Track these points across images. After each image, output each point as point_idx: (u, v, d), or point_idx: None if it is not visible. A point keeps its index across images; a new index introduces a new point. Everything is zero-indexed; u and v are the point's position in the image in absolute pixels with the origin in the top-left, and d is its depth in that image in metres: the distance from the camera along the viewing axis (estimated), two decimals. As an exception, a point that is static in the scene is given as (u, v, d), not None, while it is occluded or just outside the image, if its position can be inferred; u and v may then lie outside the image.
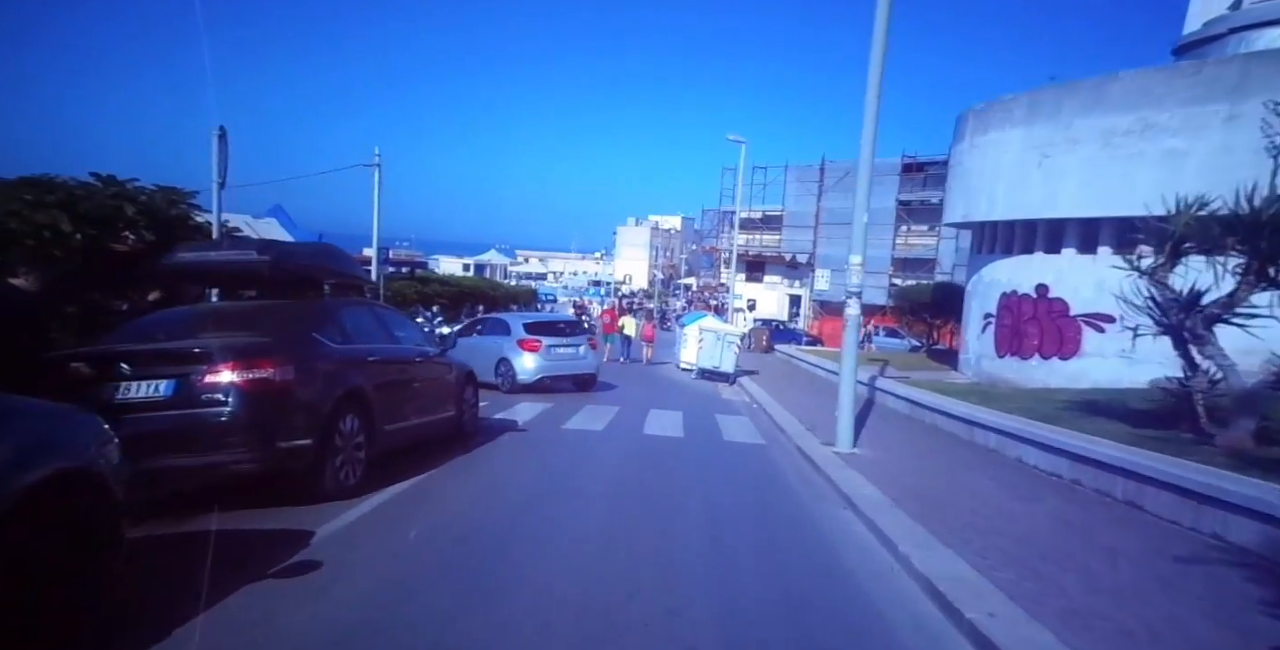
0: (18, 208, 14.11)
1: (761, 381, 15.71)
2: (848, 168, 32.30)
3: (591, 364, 13.20)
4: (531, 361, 12.10)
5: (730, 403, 12.91)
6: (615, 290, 57.18)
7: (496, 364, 12.11)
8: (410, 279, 27.42)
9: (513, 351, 12.16)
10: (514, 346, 12.21)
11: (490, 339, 12.63)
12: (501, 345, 12.28)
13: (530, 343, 12.24)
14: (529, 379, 12.07)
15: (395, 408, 5.55)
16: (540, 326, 12.84)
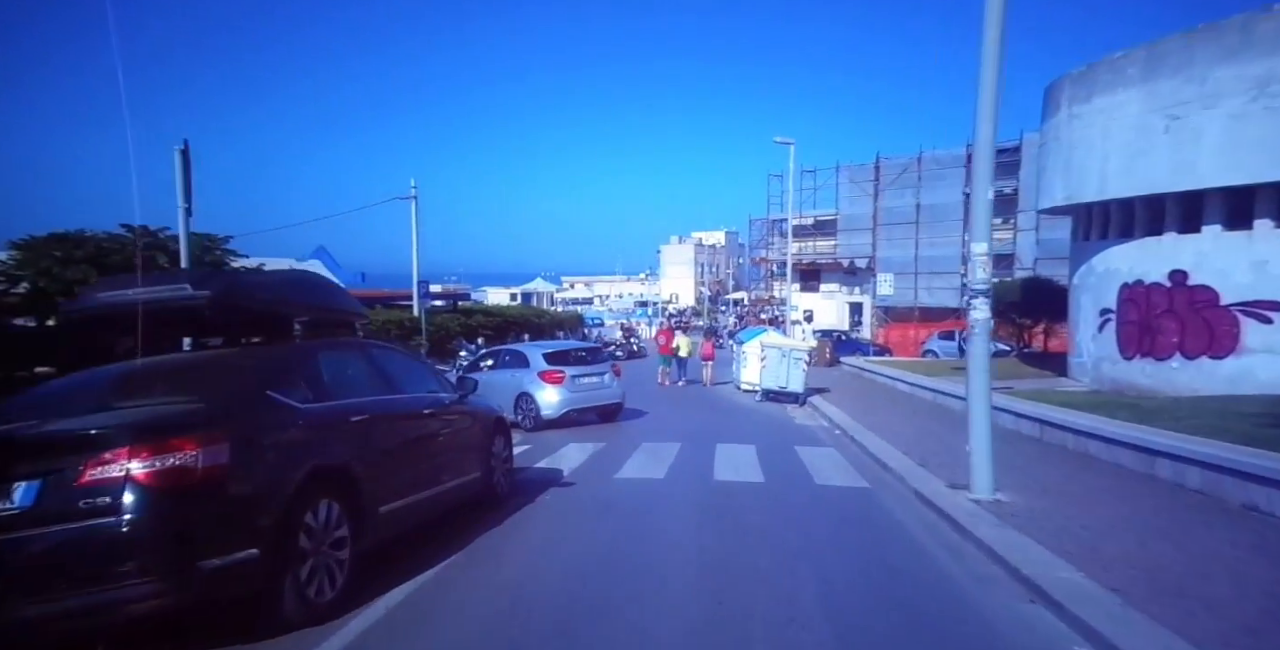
0: (48, 265, 13.79)
1: (836, 401, 13.89)
2: (905, 164, 30.28)
3: (617, 393, 11.98)
4: (555, 395, 10.94)
5: (807, 429, 11.18)
6: (663, 310, 55.85)
7: (516, 400, 11.05)
8: (453, 312, 26.74)
9: (534, 385, 11.02)
10: (535, 379, 11.07)
11: (507, 373, 11.49)
12: (521, 379, 11.18)
13: (553, 374, 11.07)
14: (554, 414, 10.92)
15: (395, 480, 4.22)
16: (561, 356, 11.64)
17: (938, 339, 26.00)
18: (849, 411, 12.17)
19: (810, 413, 13.42)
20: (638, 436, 10.23)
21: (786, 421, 12.26)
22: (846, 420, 11.17)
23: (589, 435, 10.42)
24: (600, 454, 8.76)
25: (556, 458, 8.46)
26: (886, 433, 9.60)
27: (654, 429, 11.19)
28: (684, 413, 13.58)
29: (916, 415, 11.44)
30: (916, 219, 29.47)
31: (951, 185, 28.32)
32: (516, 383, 11.19)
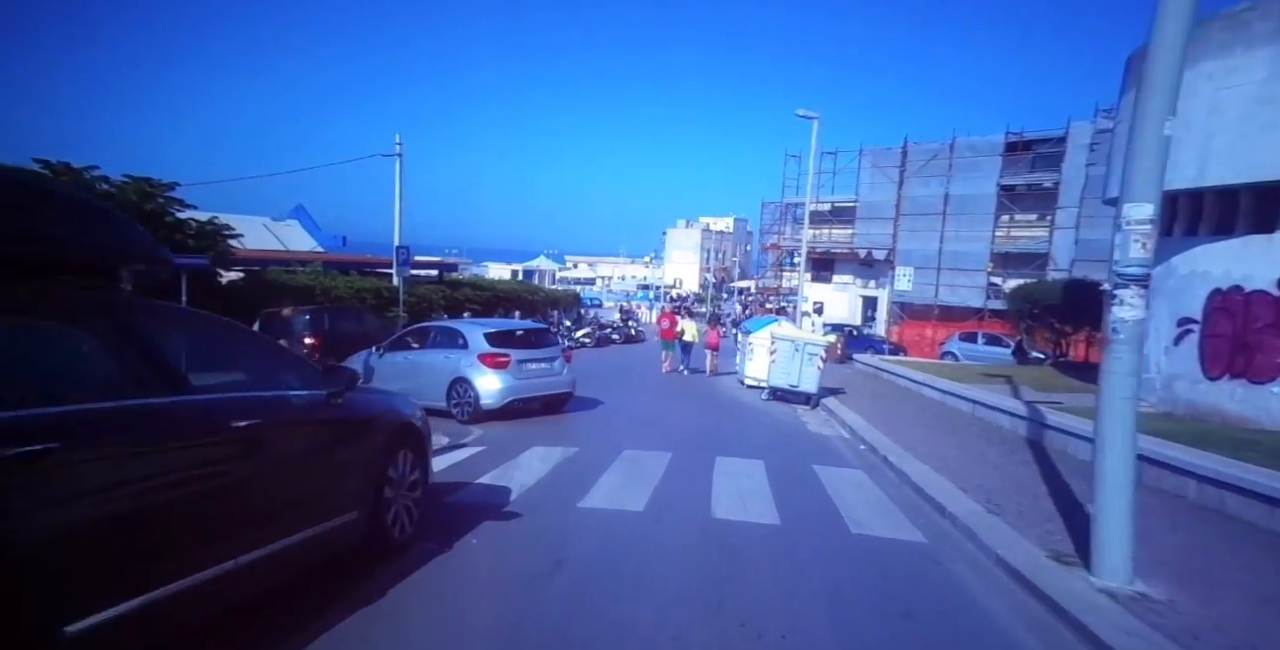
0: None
1: (855, 405, 12.01)
2: (935, 150, 28.07)
3: (568, 380, 10.45)
4: (498, 381, 9.37)
5: (825, 440, 9.31)
6: (665, 294, 53.86)
7: (450, 386, 9.45)
8: (438, 283, 24.80)
9: (473, 369, 9.40)
10: (474, 363, 9.43)
11: (439, 354, 9.78)
12: (457, 362, 9.52)
13: (496, 358, 9.46)
14: (495, 403, 9.35)
15: (153, 549, 2.34)
16: (504, 336, 9.93)
17: (958, 341, 24.08)
18: (873, 420, 10.29)
19: (825, 418, 11.56)
20: (622, 438, 8.38)
21: (798, 428, 10.40)
22: (872, 433, 9.29)
23: (562, 434, 8.56)
24: (568, 464, 6.90)
25: (511, 468, 6.60)
26: (928, 454, 7.72)
27: (643, 429, 9.33)
28: (681, 409, 11.71)
29: (956, 432, 9.56)
30: (944, 210, 27.34)
31: (985, 175, 26.13)
32: (451, 366, 9.53)
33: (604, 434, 8.78)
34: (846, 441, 9.33)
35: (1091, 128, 22.96)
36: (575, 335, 25.82)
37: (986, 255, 26.40)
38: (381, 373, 9.74)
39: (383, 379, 9.53)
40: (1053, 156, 24.66)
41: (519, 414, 9.75)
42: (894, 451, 7.92)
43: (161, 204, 13.96)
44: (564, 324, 26.09)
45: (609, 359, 22.00)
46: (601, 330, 27.75)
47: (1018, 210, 26.37)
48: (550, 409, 10.32)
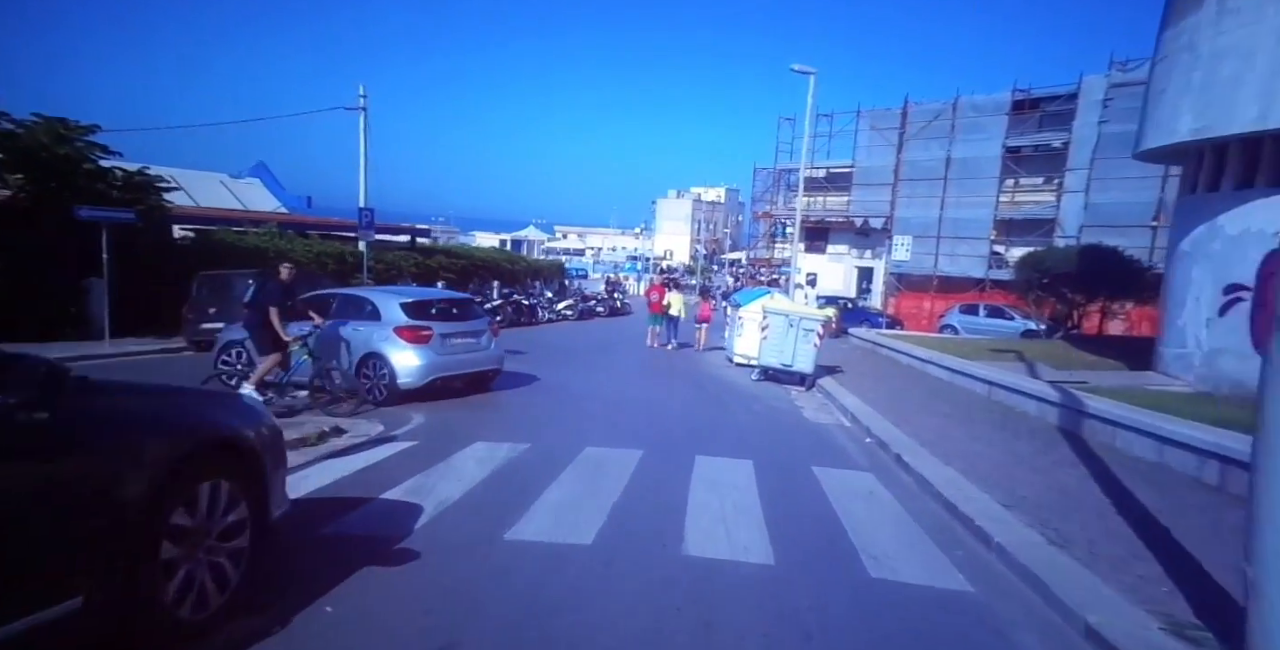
0: None
1: (855, 387, 10.73)
2: (938, 110, 26.34)
3: (496, 356, 9.42)
4: (418, 357, 8.20)
5: (824, 431, 8.02)
6: (655, 266, 52.27)
7: (361, 363, 8.35)
8: (410, 250, 23.14)
9: (389, 344, 8.23)
10: (390, 337, 8.24)
11: (346, 327, 8.50)
12: (369, 336, 8.32)
13: (416, 331, 8.29)
14: (415, 382, 8.18)
15: None
16: (424, 307, 8.72)
17: (958, 313, 22.80)
18: (877, 406, 9.01)
19: (822, 402, 10.28)
20: (587, 430, 7.05)
21: (793, 414, 9.10)
22: (878, 421, 8.00)
23: (515, 424, 7.19)
24: (511, 468, 5.55)
25: (435, 475, 5.23)
26: (949, 452, 6.43)
27: (615, 417, 7.99)
28: (661, 391, 10.39)
29: (974, 420, 8.30)
30: (945, 175, 25.77)
31: (990, 136, 24.48)
32: (362, 340, 8.33)
33: (566, 424, 7.43)
34: (849, 432, 8.04)
35: (1105, 82, 21.37)
36: (557, 307, 24.34)
37: (989, 222, 24.96)
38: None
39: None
40: (1062, 114, 23.07)
41: (449, 393, 8.55)
42: (907, 448, 6.63)
43: (80, 149, 12.22)
44: (545, 295, 24.56)
45: (591, 333, 20.60)
46: (585, 302, 26.26)
47: (1024, 173, 24.83)
48: (475, 387, 9.11)
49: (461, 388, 8.91)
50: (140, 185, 13.05)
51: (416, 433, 6.68)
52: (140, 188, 13.02)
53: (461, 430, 6.84)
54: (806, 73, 20.24)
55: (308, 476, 5.06)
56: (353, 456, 5.72)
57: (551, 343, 17.08)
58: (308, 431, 6.27)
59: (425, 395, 8.33)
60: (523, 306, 22.10)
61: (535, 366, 12.11)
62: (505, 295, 21.76)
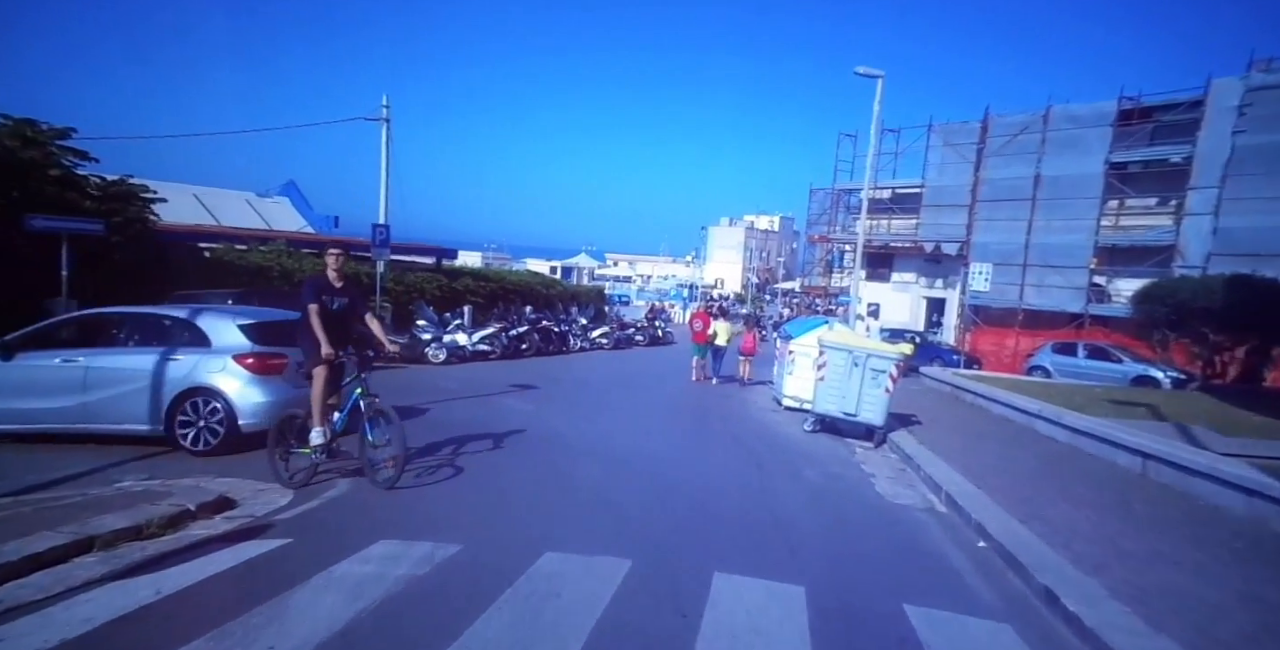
0: None
1: (942, 447, 8.15)
2: (1025, 122, 23.45)
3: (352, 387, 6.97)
4: (268, 391, 6.38)
5: (914, 524, 5.54)
6: (704, 294, 50.02)
7: (176, 401, 6.26)
8: (435, 271, 21.72)
9: (222, 376, 6.32)
10: (226, 367, 6.34)
11: (144, 356, 6.39)
12: (191, 366, 6.36)
13: (265, 359, 6.44)
14: (262, 423, 6.16)
15: None
16: (273, 329, 6.80)
17: (1051, 353, 19.60)
18: (982, 482, 6.47)
19: (898, 466, 7.77)
20: (555, 518, 4.86)
21: (861, 488, 6.64)
22: (992, 511, 5.49)
23: (457, 502, 5.05)
24: (404, 602, 3.38)
25: (279, 612, 3.12)
26: (1145, 591, 3.91)
27: (605, 491, 5.74)
28: (682, 446, 8.10)
29: (1148, 519, 5.66)
30: (1033, 195, 22.72)
31: (1089, 151, 21.36)
32: (179, 372, 6.32)
33: (531, 504, 5.24)
34: (946, 523, 5.56)
35: (1241, 86, 18.16)
36: (591, 335, 22.39)
37: (1088, 249, 21.63)
38: (12, 383, 6.35)
39: (15, 393, 6.31)
40: (1182, 125, 19.85)
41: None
42: (1060, 574, 4.12)
43: (52, 154, 11.11)
44: (578, 321, 22.66)
45: (622, 364, 18.50)
46: (622, 330, 24.24)
47: (1131, 193, 21.51)
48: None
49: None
50: (119, 195, 11.84)
51: (302, 521, 4.59)
52: (119, 198, 11.81)
53: (370, 514, 4.76)
54: (873, 76, 17.98)
55: (72, 609, 3.06)
56: (183, 566, 3.67)
57: (572, 375, 15.05)
58: (154, 512, 4.28)
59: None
60: (552, 333, 20.23)
61: (535, 405, 10.04)
62: (533, 321, 19.94)
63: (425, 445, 6.71)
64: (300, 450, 5.45)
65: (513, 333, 18.48)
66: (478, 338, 17.17)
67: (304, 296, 5.39)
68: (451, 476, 5.79)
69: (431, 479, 5.66)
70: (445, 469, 6.00)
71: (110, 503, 4.42)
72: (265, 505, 4.87)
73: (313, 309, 5.28)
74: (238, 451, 6.17)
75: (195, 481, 5.35)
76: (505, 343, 17.86)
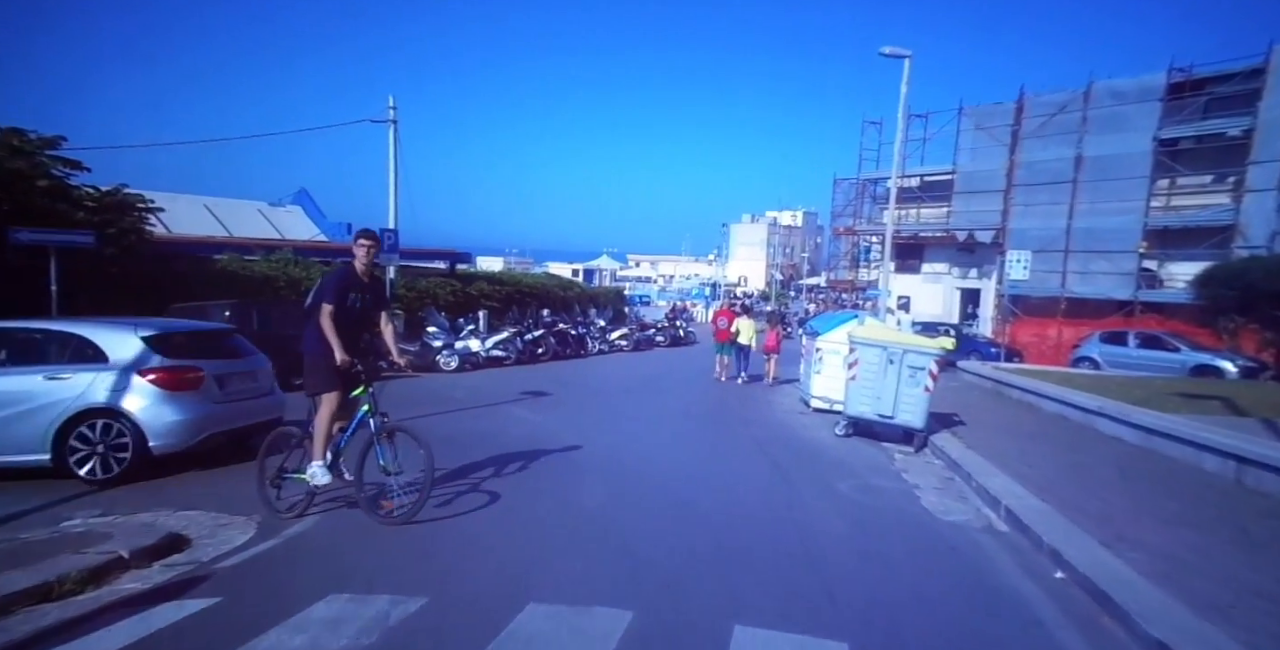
0: None
1: (993, 451, 7.26)
2: (1064, 101, 22.09)
3: (278, 401, 6.79)
4: (182, 408, 5.75)
5: (971, 547, 4.69)
6: (727, 292, 49.06)
7: (65, 425, 5.49)
8: (449, 276, 21.27)
9: (128, 393, 5.63)
10: (131, 383, 5.64)
11: (23, 378, 5.61)
12: (85, 385, 5.60)
13: (177, 374, 5.79)
14: (178, 443, 5.74)
15: None
16: (184, 341, 6.26)
17: (1099, 343, 18.35)
18: (1046, 493, 5.59)
19: (943, 474, 6.90)
20: (544, 556, 4.14)
21: (903, 502, 5.81)
22: (1066, 530, 4.64)
23: (429, 545, 4.35)
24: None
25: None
26: None
27: (608, 517, 5.00)
28: (700, 457, 7.33)
29: (1262, 539, 4.73)
30: (1075, 177, 21.31)
31: (1137, 129, 19.87)
32: (70, 393, 5.57)
33: (519, 538, 4.52)
34: (1009, 545, 4.72)
35: (1309, 50, 16.72)
36: (610, 337, 21.73)
37: (1137, 232, 20.17)
38: None
39: None
40: (1240, 96, 18.34)
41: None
42: (1171, 620, 3.26)
43: (41, 164, 10.79)
44: (596, 324, 22.00)
45: (642, 366, 17.78)
46: (642, 332, 23.53)
47: (1184, 170, 19.98)
48: (242, 439, 6.35)
49: (224, 444, 6.16)
50: (114, 205, 11.49)
51: (248, 568, 3.92)
52: (114, 208, 11.46)
53: (331, 557, 4.10)
54: (900, 56, 16.98)
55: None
56: (68, 646, 3.00)
57: (588, 380, 14.39)
58: (75, 564, 3.65)
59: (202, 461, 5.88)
60: (568, 337, 19.60)
61: (543, 414, 9.38)
62: (548, 324, 19.32)
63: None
64: (295, 476, 4.76)
65: (528, 337, 17.90)
66: (491, 343, 16.61)
67: (321, 292, 4.59)
68: (430, 506, 5.10)
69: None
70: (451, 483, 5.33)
71: (31, 552, 3.81)
72: (219, 545, 4.24)
73: (326, 309, 4.46)
74: (151, 478, 5.53)
75: (153, 516, 4.77)
76: (520, 348, 17.28)
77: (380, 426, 4.57)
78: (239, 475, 5.42)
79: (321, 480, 4.61)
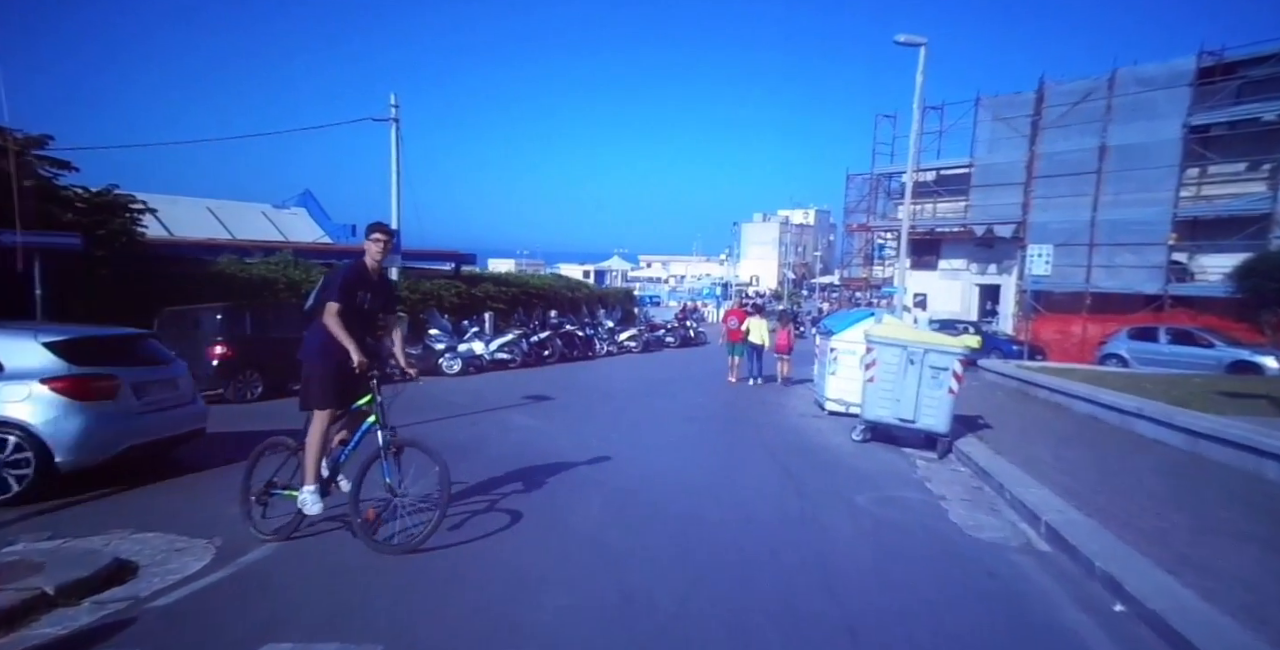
0: None
1: (1023, 457, 6.69)
2: (1087, 89, 21.31)
3: (201, 411, 6.44)
4: (93, 419, 5.26)
5: (1011, 572, 4.14)
6: (740, 292, 48.46)
7: None
8: (454, 278, 20.91)
9: (24, 404, 5.10)
10: (28, 392, 5.12)
11: None
12: None
13: (85, 382, 5.31)
14: (89, 458, 5.26)
15: None
16: (93, 346, 5.73)
17: (1126, 339, 17.61)
18: (1089, 506, 5.02)
19: (971, 484, 6.34)
20: (520, 593, 3.64)
21: (930, 518, 5.26)
22: (1124, 556, 4.07)
23: (399, 562, 3.88)
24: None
25: None
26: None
27: (596, 542, 4.51)
28: (707, 467, 6.80)
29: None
30: (1099, 167, 20.55)
31: (1165, 115, 19.06)
32: None
33: (494, 569, 4.03)
34: (1052, 566, 4.18)
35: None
36: (618, 338, 21.27)
37: (1166, 223, 19.38)
38: None
39: None
40: (1275, 80, 17.49)
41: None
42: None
43: (27, 164, 10.51)
44: (604, 325, 21.55)
45: (651, 368, 17.29)
46: (652, 332, 23.07)
47: (1216, 158, 19.14)
48: (159, 455, 6.00)
49: (139, 458, 5.71)
50: (104, 206, 11.19)
51: (184, 607, 3.45)
52: (104, 209, 11.16)
53: (282, 592, 3.63)
54: (915, 44, 16.35)
55: None
56: None
57: (593, 382, 13.94)
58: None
59: (112, 476, 5.36)
60: (576, 338, 19.16)
61: (543, 420, 8.93)
62: (554, 325, 18.89)
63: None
64: (286, 493, 4.29)
65: (533, 339, 17.49)
66: (495, 346, 16.20)
67: (326, 289, 4.07)
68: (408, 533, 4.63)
69: (376, 536, 4.49)
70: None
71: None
72: (166, 575, 3.80)
73: (333, 308, 3.96)
74: (59, 496, 5.03)
75: (105, 540, 4.36)
76: (526, 350, 16.86)
77: (389, 441, 4.07)
78: (219, 488, 5.01)
79: (312, 509, 4.14)
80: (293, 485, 4.28)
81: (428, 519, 4.04)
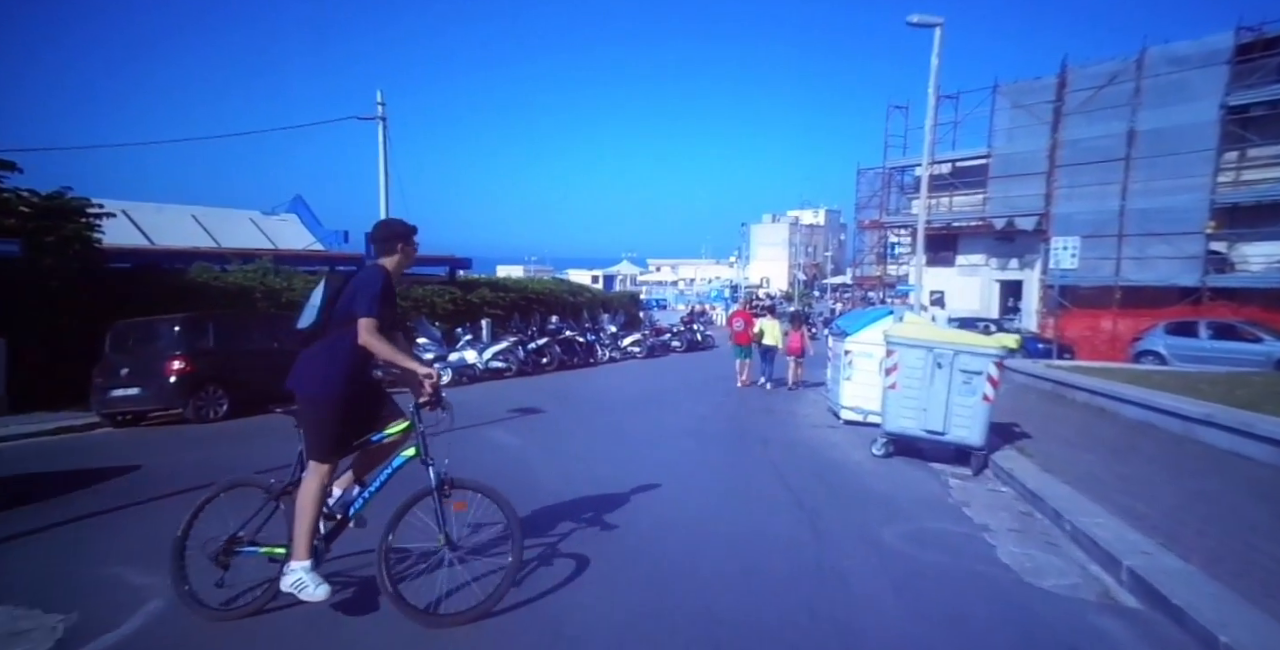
0: None
1: (1079, 475, 5.66)
2: (1113, 71, 20.10)
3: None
4: None
5: (1081, 628, 3.11)
6: (750, 293, 47.39)
7: None
8: (449, 283, 20.07)
9: None
10: None
11: None
12: None
13: None
14: None
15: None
16: None
17: (1163, 334, 16.46)
18: (1185, 542, 3.98)
19: (1018, 510, 5.33)
20: None
21: (975, 555, 4.23)
22: (1244, 618, 3.03)
23: (313, 630, 2.92)
24: None
25: None
26: None
27: (556, 606, 3.53)
28: (705, 493, 5.80)
29: None
30: (1127, 154, 19.35)
31: (1200, 96, 17.80)
32: None
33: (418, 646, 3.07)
34: (1145, 630, 3.13)
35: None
36: (622, 344, 20.33)
37: (1203, 211, 18.13)
38: None
39: None
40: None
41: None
42: None
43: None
44: (607, 329, 20.62)
45: (654, 375, 16.33)
46: (657, 337, 22.13)
47: (1257, 140, 17.91)
48: None
49: None
50: (55, 211, 10.42)
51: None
52: (54, 214, 10.40)
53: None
54: (929, 25, 15.28)
55: None
56: None
57: (591, 392, 13.01)
58: None
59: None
60: (575, 344, 18.23)
61: (526, 438, 7.98)
62: (553, 331, 17.98)
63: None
64: (264, 550, 3.26)
65: (531, 346, 16.59)
66: (490, 354, 15.31)
67: (354, 301, 3.07)
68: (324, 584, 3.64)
69: (286, 597, 3.48)
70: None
71: None
72: None
73: (369, 324, 3.02)
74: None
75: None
76: (522, 358, 15.98)
77: (442, 478, 3.18)
78: (116, 539, 4.09)
79: (315, 594, 3.07)
80: (272, 545, 3.25)
81: (509, 576, 3.20)
